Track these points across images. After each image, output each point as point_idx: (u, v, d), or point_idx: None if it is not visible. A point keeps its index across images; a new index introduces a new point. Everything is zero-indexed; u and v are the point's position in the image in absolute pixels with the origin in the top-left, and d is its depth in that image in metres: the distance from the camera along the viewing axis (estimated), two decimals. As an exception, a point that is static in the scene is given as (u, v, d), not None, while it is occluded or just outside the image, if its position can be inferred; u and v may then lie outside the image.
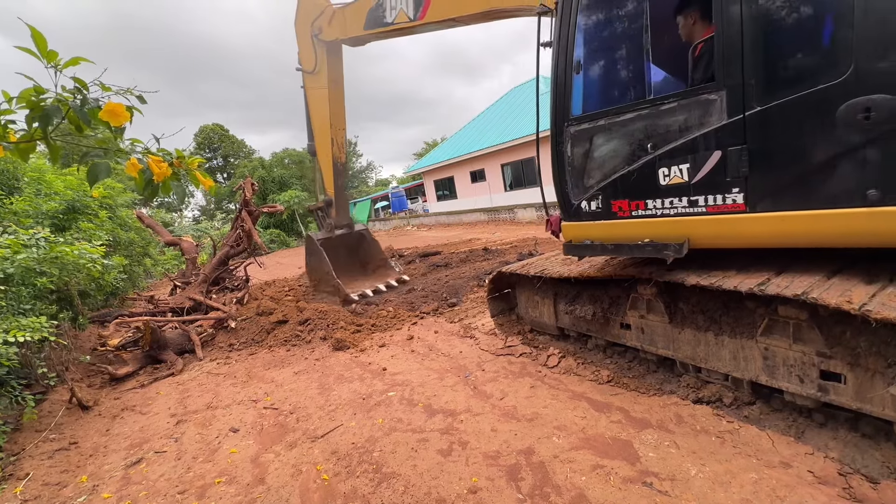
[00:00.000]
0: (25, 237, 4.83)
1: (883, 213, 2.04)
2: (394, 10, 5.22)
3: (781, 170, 2.32)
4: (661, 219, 2.78)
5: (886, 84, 1.95)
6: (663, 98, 2.67)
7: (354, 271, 8.08)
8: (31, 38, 1.40)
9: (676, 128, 2.61)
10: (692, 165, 2.58)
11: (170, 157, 1.78)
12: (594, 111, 3.00)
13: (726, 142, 2.43)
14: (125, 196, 9.94)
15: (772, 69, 2.27)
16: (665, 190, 2.72)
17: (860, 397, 2.24)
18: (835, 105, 2.08)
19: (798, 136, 2.23)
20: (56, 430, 4.01)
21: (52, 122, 1.46)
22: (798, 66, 2.20)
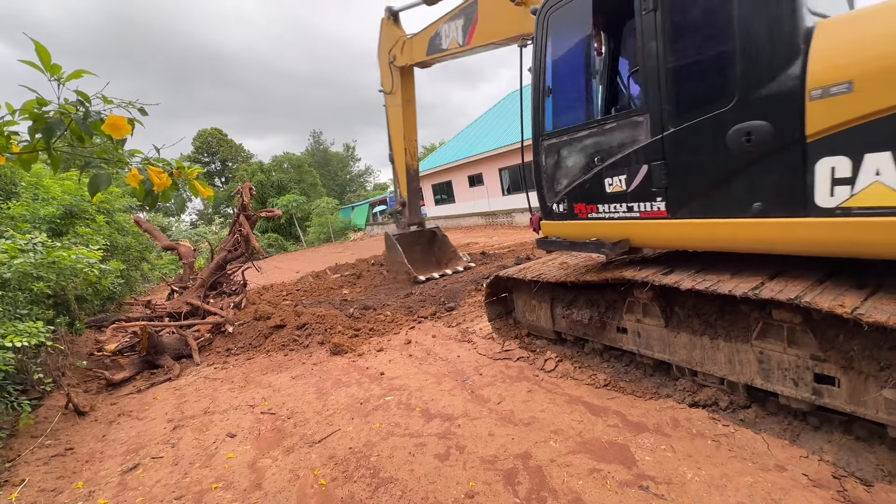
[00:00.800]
0: (22, 242, 4.82)
1: (766, 223, 2.38)
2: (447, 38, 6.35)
3: (691, 183, 2.70)
4: (608, 221, 3.24)
5: (762, 112, 2.31)
6: (606, 119, 3.14)
7: (428, 262, 9.17)
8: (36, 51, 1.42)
9: (616, 144, 3.06)
10: (628, 176, 3.02)
11: (169, 167, 1.79)
12: (560, 128, 3.49)
13: (651, 157, 2.84)
14: (123, 201, 9.94)
15: (680, 97, 2.66)
16: (610, 196, 3.17)
17: (854, 400, 2.26)
18: (725, 129, 2.44)
19: (701, 154, 2.61)
20: (52, 436, 3.99)
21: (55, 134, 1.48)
22: (698, 94, 2.60)
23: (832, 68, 2.08)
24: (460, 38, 6.17)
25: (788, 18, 2.22)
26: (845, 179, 2.10)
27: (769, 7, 2.27)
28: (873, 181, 2.01)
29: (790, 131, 2.23)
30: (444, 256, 9.37)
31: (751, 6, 2.32)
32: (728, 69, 2.42)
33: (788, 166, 2.27)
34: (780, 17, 2.24)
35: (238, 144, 46.61)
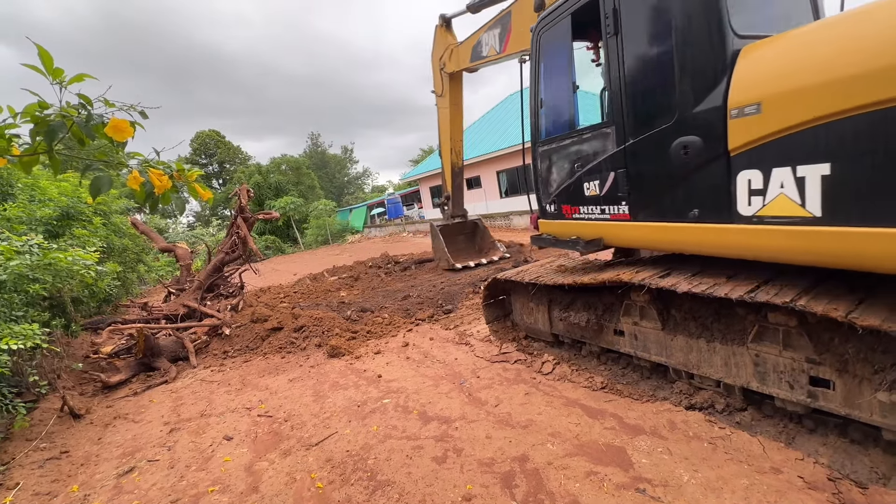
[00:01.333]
0: (18, 244, 4.80)
1: (701, 228, 2.65)
2: (487, 46, 6.94)
3: (646, 189, 3.00)
4: (586, 221, 3.56)
5: (695, 128, 2.57)
6: (584, 130, 3.48)
7: (469, 251, 10.06)
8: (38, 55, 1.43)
9: (592, 152, 3.38)
10: (600, 182, 3.33)
11: (170, 169, 1.80)
12: (551, 137, 3.82)
13: (616, 166, 3.16)
14: (120, 202, 9.92)
15: (636, 112, 2.96)
16: (588, 199, 3.49)
17: (849, 403, 2.28)
18: (669, 142, 2.72)
19: (652, 164, 2.91)
20: (47, 439, 3.97)
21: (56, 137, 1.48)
22: (649, 111, 2.88)
23: (746, 90, 2.32)
24: (497, 46, 6.67)
25: (716, 44, 2.46)
26: (759, 191, 2.33)
27: (700, 33, 2.52)
28: (779, 193, 2.24)
29: (717, 146, 2.48)
30: (484, 246, 10.20)
31: (686, 32, 2.59)
32: (670, 89, 2.69)
33: (717, 177, 2.52)
34: (709, 43, 2.49)
35: (236, 146, 46.60)
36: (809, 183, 2.10)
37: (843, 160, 1.97)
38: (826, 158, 2.02)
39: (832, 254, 2.11)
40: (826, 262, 2.19)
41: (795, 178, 2.15)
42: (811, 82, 2.05)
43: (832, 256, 2.13)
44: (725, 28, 2.43)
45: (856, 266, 2.09)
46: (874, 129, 1.86)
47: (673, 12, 2.65)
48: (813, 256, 2.21)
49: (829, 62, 2.01)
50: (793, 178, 2.16)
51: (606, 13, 3.04)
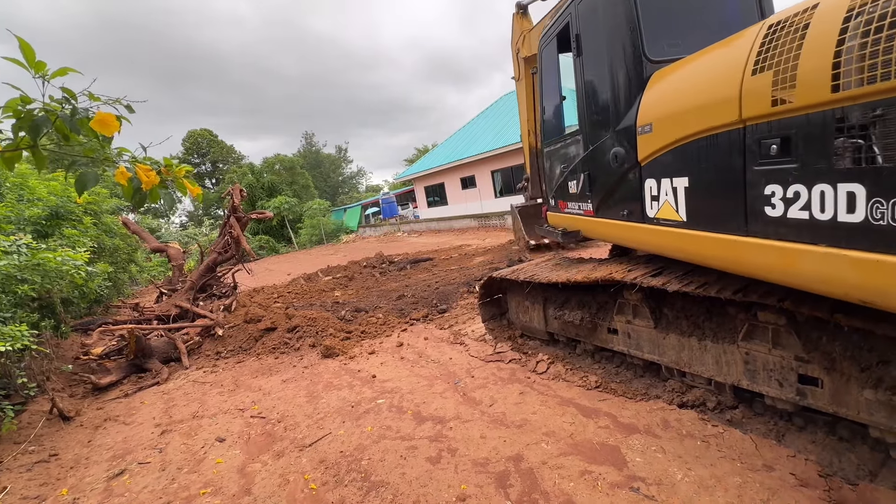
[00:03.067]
0: (6, 244, 4.73)
1: (629, 226, 3.07)
2: None
3: (599, 190, 3.43)
4: (570, 215, 4.02)
5: (622, 140, 3.00)
6: (567, 135, 3.96)
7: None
8: (20, 48, 1.40)
9: (572, 155, 3.83)
10: (576, 182, 3.78)
11: (157, 165, 1.77)
12: (550, 139, 4.39)
13: (584, 168, 3.59)
14: (111, 202, 9.80)
15: (592, 123, 3.41)
16: (571, 196, 3.93)
17: (836, 401, 2.30)
18: (608, 151, 3.17)
19: (601, 169, 3.34)
20: (36, 442, 3.91)
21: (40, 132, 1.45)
22: (599, 123, 3.31)
23: (645, 111, 2.73)
24: None
25: (633, 70, 2.89)
26: (655, 196, 2.72)
27: (624, 60, 2.96)
28: (665, 200, 2.63)
29: (633, 157, 2.88)
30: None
31: (614, 58, 3.06)
32: (609, 106, 3.15)
33: (634, 184, 2.92)
34: (628, 69, 2.93)
35: (229, 146, 46.24)
36: (679, 192, 2.50)
37: (693, 174, 2.39)
38: (686, 173, 2.43)
39: (694, 253, 2.51)
40: (693, 260, 2.61)
41: (672, 188, 2.55)
42: (674, 109, 2.46)
43: (694, 256, 2.53)
44: (639, 55, 2.83)
45: (709, 265, 2.48)
46: (707, 151, 2.25)
47: (606, 41, 3.11)
48: (684, 254, 2.64)
49: (684, 91, 2.43)
50: (671, 187, 2.55)
51: (573, 37, 3.50)
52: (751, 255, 2.06)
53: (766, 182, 1.93)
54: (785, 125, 1.81)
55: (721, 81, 2.12)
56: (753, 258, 2.06)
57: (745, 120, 1.99)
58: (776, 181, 1.88)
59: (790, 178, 1.81)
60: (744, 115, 1.98)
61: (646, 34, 2.81)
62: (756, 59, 1.91)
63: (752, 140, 1.98)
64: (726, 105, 2.06)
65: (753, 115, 1.94)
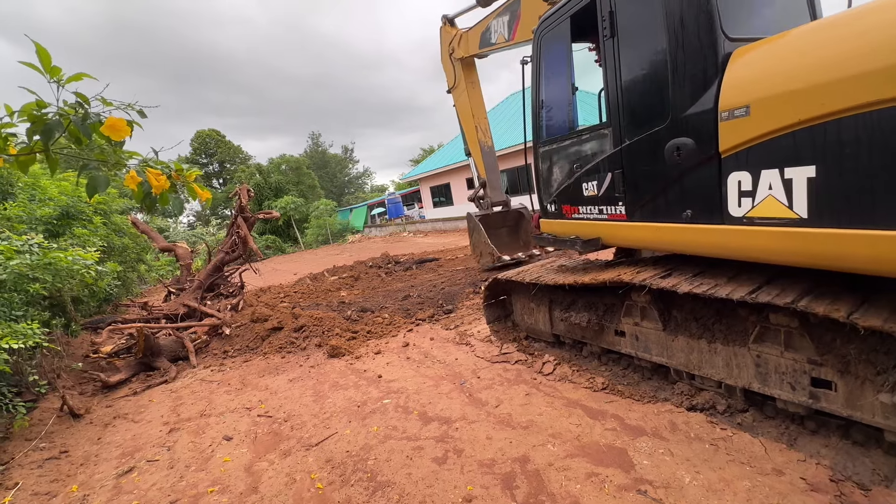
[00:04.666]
0: (19, 243, 4.80)
1: (694, 229, 2.68)
2: (496, 33, 6.79)
3: (641, 190, 3.03)
4: (585, 221, 3.61)
5: (688, 130, 2.61)
6: (583, 131, 3.53)
7: (515, 244, 8.45)
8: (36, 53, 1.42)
9: (591, 153, 3.43)
10: (598, 182, 3.37)
11: (168, 169, 1.79)
12: (551, 137, 3.89)
13: (613, 166, 3.20)
14: (120, 202, 9.91)
15: (632, 114, 3.01)
16: (586, 199, 3.54)
17: (850, 405, 2.27)
18: (663, 144, 2.75)
19: (648, 165, 2.93)
20: (46, 439, 3.96)
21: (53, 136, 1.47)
22: (645, 113, 2.92)
23: (735, 93, 2.35)
24: (506, 34, 6.49)
25: (708, 48, 2.50)
26: (748, 192, 2.36)
27: (693, 37, 2.55)
28: (767, 195, 2.27)
29: (708, 148, 2.50)
30: (530, 239, 8.56)
31: (678, 35, 2.62)
32: (664, 92, 2.73)
33: (708, 179, 2.55)
34: (700, 47, 2.52)
35: (236, 146, 46.61)
36: (796, 185, 2.14)
37: (827, 162, 2.00)
38: (812, 161, 2.06)
39: (818, 255, 2.14)
40: (812, 264, 2.22)
41: (783, 180, 2.19)
42: (795, 86, 2.07)
43: (818, 258, 2.16)
44: (717, 31, 2.45)
45: (840, 268, 2.11)
46: (857, 132, 1.88)
47: (666, 15, 2.67)
48: (800, 257, 2.24)
49: (813, 67, 2.03)
50: (780, 179, 2.20)
51: (603, 16, 3.08)
52: None
53: None
54: None
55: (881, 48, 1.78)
56: None
57: None
58: None
59: None
60: None
61: (722, 8, 2.48)
62: None
63: None
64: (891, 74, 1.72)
65: None
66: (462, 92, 8.19)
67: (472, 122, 8.20)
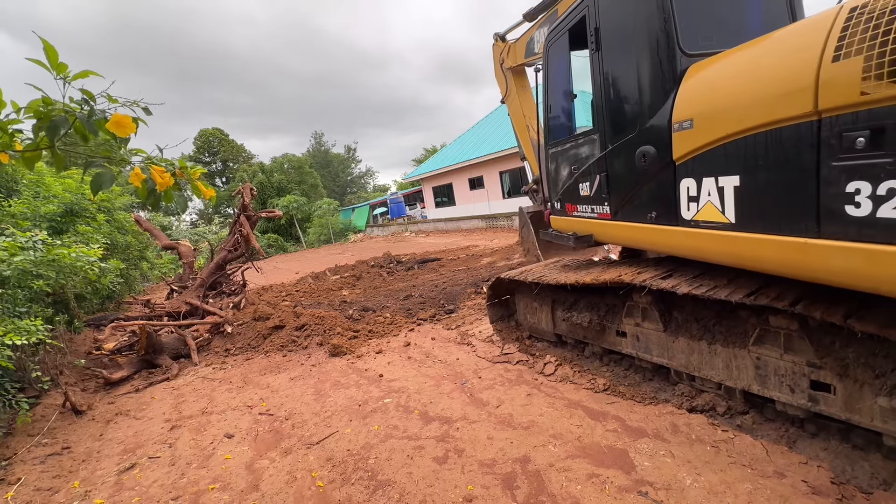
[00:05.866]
0: (23, 239, 4.82)
1: (657, 229, 2.90)
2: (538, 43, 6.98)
3: (621, 192, 3.24)
4: (580, 219, 3.85)
5: (651, 139, 2.83)
6: (578, 135, 3.78)
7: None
8: (43, 50, 1.43)
9: (585, 156, 3.65)
10: (590, 184, 3.61)
11: (172, 167, 1.80)
12: (556, 140, 4.16)
13: (600, 169, 3.42)
14: (123, 199, 9.94)
15: (613, 122, 3.24)
16: (582, 199, 3.78)
17: (849, 408, 2.27)
18: (634, 150, 2.97)
19: (623, 169, 3.17)
20: (49, 435, 3.98)
21: (59, 133, 1.48)
22: (621, 121, 3.15)
23: (685, 107, 2.55)
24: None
25: (666, 63, 2.72)
26: (694, 197, 2.55)
27: (654, 53, 2.79)
28: (707, 200, 2.46)
29: (665, 155, 2.71)
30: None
31: (642, 52, 2.87)
32: (635, 103, 2.99)
33: (666, 184, 2.75)
34: (660, 62, 2.76)
35: (239, 145, 46.68)
36: (727, 192, 2.34)
37: (748, 172, 2.22)
38: (737, 171, 2.27)
39: (744, 257, 2.35)
40: (739, 265, 2.46)
41: (717, 188, 2.39)
42: (724, 103, 2.30)
43: (744, 259, 2.37)
44: (674, 49, 2.67)
45: (761, 269, 2.33)
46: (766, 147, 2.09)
47: (634, 33, 2.94)
48: (730, 258, 2.48)
49: (736, 85, 2.25)
50: (716, 187, 2.40)
51: (590, 31, 3.35)
52: (825, 259, 1.90)
53: (849, 179, 1.77)
54: (877, 115, 1.64)
55: (789, 71, 1.94)
56: (829, 262, 1.89)
57: (821, 111, 1.82)
58: (863, 177, 1.72)
59: (883, 174, 1.65)
60: (821, 106, 1.81)
61: (680, 26, 2.66)
62: (837, 44, 1.75)
63: (829, 133, 1.81)
64: (797, 96, 1.89)
65: (834, 106, 1.77)
66: (514, 99, 8.44)
67: (523, 123, 8.42)
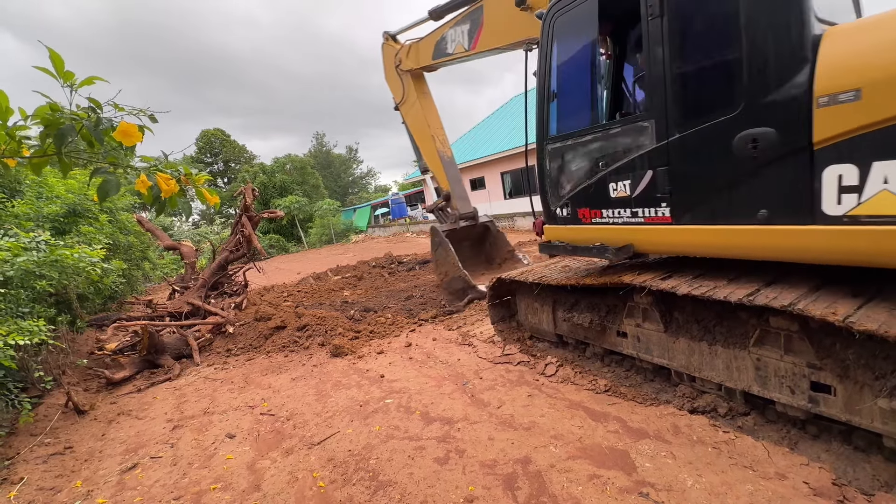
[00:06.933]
0: (26, 240, 4.84)
1: (771, 230, 2.40)
2: (453, 43, 6.39)
3: (696, 188, 2.71)
4: (612, 226, 3.24)
5: (768, 119, 2.32)
6: (612, 123, 3.16)
7: (479, 265, 7.67)
8: (49, 58, 1.44)
9: (621, 149, 3.06)
10: (632, 182, 3.02)
11: (177, 173, 1.81)
12: (565, 133, 3.48)
13: (655, 163, 2.85)
14: (125, 200, 9.97)
15: (686, 103, 2.68)
16: (614, 202, 3.17)
17: (849, 409, 2.27)
18: (731, 135, 2.44)
19: (706, 160, 2.62)
20: (51, 435, 4.00)
21: (66, 141, 1.49)
22: (704, 101, 2.61)
23: (840, 76, 2.07)
24: (466, 43, 6.16)
25: (796, 26, 2.21)
26: (853, 187, 2.08)
27: (777, 15, 2.27)
28: (881, 189, 1.99)
29: (797, 138, 2.22)
30: (497, 256, 7.88)
31: (758, 14, 2.32)
32: (734, 76, 2.42)
33: (795, 174, 2.26)
34: (787, 25, 2.24)
35: (241, 145, 46.76)
36: None
37: None
38: None
39: None
40: None
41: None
42: None
43: None
44: (808, 10, 2.19)
45: None
46: None
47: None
48: None
49: None
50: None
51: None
52: None
53: None
54: None
55: None
56: None
57: None
58: None
59: None
60: None
61: None
62: None
63: None
64: None
65: None
66: (413, 105, 7.64)
67: (428, 133, 7.61)
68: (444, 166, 7.64)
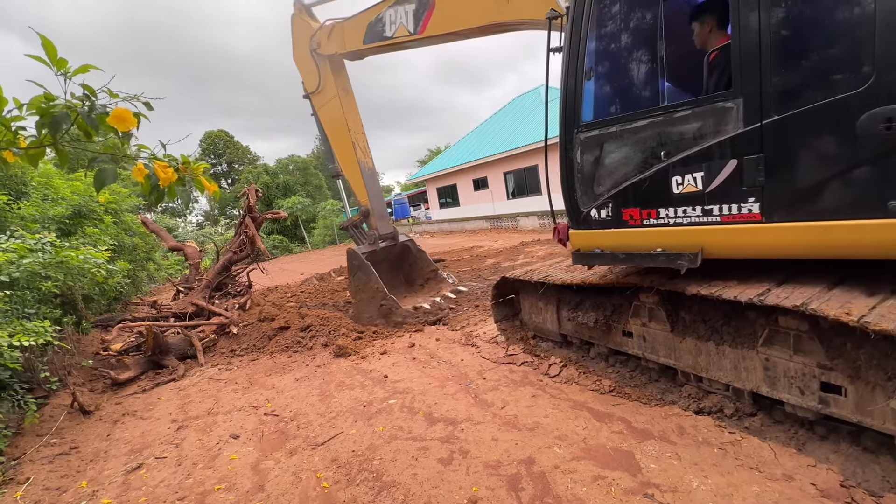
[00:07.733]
0: (31, 242, 4.88)
1: None
2: (393, 25, 5.24)
3: (799, 180, 2.27)
4: (674, 228, 2.74)
5: None
6: (678, 105, 2.61)
7: (399, 287, 7.20)
8: (42, 46, 1.44)
9: (691, 136, 2.56)
10: (706, 174, 2.54)
11: (175, 162, 1.80)
12: (605, 118, 2.95)
13: (742, 150, 2.39)
14: (130, 201, 10.03)
15: (790, 78, 2.21)
16: (678, 198, 2.68)
17: (861, 410, 2.23)
18: (855, 115, 2.04)
19: (817, 145, 2.20)
20: (57, 435, 4.02)
21: (61, 128, 1.49)
22: (817, 75, 2.14)
23: None
24: (411, 26, 5.07)
25: None
26: None
27: None
28: None
29: None
30: (418, 276, 7.42)
31: None
32: (861, 44, 2.00)
33: None
34: None
35: (245, 146, 46.93)
36: None
37: None
38: None
39: None
40: None
41: None
42: None
43: None
44: None
45: None
46: None
47: None
48: None
49: None
50: None
51: None
52: None
53: None
54: None
55: None
56: None
57: None
58: None
59: None
60: None
61: None
62: None
63: None
64: None
65: None
66: (331, 100, 6.47)
67: (348, 138, 6.56)
68: (364, 179, 6.77)
